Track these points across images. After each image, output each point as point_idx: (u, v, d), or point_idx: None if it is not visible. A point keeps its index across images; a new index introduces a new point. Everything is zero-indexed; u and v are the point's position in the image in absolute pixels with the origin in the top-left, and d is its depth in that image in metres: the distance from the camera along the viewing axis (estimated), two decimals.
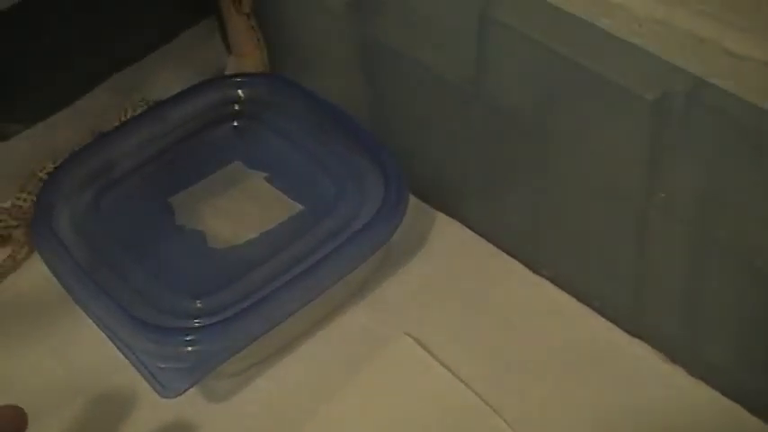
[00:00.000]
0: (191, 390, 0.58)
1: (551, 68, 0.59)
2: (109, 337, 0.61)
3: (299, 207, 0.70)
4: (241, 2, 0.78)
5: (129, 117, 0.76)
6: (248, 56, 0.81)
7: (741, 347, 0.60)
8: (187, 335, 0.59)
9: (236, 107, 0.76)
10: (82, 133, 0.76)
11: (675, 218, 0.57)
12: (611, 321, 0.67)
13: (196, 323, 0.61)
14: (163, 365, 0.58)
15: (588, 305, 0.68)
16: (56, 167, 0.72)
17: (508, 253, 0.72)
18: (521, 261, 0.71)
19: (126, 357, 0.60)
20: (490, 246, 0.72)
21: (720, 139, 0.51)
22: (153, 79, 0.80)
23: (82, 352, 0.66)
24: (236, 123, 0.76)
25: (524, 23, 0.59)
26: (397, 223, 0.65)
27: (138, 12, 0.78)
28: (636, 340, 0.65)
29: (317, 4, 0.74)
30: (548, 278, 0.70)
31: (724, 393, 0.61)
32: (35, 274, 0.69)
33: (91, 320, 0.62)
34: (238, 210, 0.70)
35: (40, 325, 0.67)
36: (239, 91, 0.76)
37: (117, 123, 0.75)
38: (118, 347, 0.61)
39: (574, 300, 0.68)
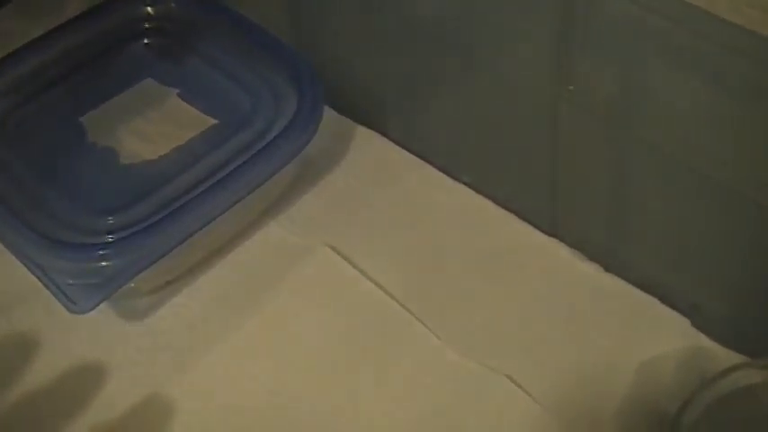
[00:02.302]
0: (107, 309, 0.58)
1: None
2: (17, 255, 0.60)
3: (213, 121, 0.69)
4: None
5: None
6: None
7: (654, 246, 0.60)
8: (97, 250, 0.58)
9: (147, 24, 0.74)
10: None
11: (585, 112, 0.57)
12: (529, 224, 0.67)
13: (109, 238, 0.60)
14: (72, 282, 0.57)
15: (507, 209, 0.68)
16: None
17: (428, 162, 0.71)
18: (440, 169, 0.71)
19: (35, 276, 0.59)
20: (410, 156, 0.72)
21: (628, 31, 0.51)
22: None
23: None
24: (146, 41, 0.74)
25: None
26: (311, 132, 0.64)
27: None
28: (553, 240, 0.65)
29: None
30: (467, 184, 0.69)
31: (638, 286, 0.62)
32: None
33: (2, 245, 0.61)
34: (151, 127, 0.69)
35: None
36: (149, 8, 0.74)
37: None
38: (27, 266, 0.60)
39: (492, 204, 0.68)
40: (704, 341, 0.58)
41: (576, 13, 0.52)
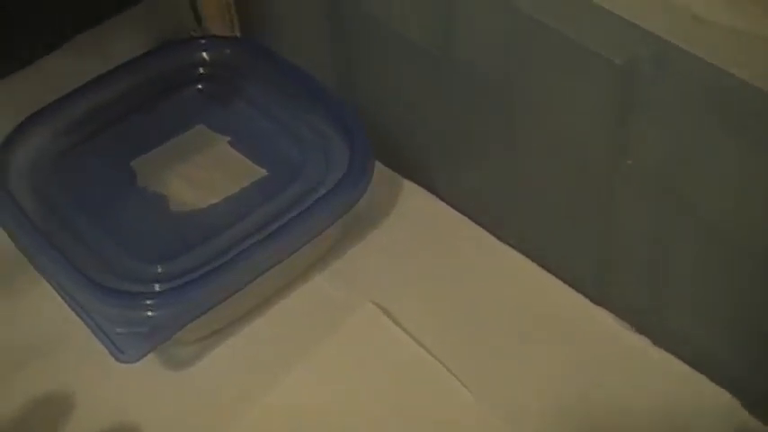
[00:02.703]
0: (150, 356, 0.58)
1: (518, 32, 0.58)
2: (66, 300, 0.60)
3: (263, 172, 0.69)
4: None
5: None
6: (214, 18, 0.79)
7: (708, 317, 0.60)
8: (146, 299, 0.58)
9: (202, 70, 0.75)
10: (44, 93, 0.74)
11: (642, 185, 0.57)
12: (575, 289, 0.66)
13: (156, 288, 0.60)
14: (121, 330, 0.57)
15: (553, 273, 0.67)
16: (17, 125, 0.70)
17: (474, 220, 0.71)
18: (487, 229, 0.70)
19: (84, 321, 0.59)
20: (456, 213, 0.72)
21: (688, 103, 0.51)
22: (118, 41, 0.78)
23: (38, 314, 0.65)
24: (200, 86, 0.75)
25: None
26: (362, 189, 0.64)
27: None
28: (599, 308, 0.65)
29: None
30: (513, 246, 0.69)
31: (689, 363, 0.61)
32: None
33: (48, 283, 0.61)
34: (201, 174, 0.69)
35: None
36: (205, 53, 0.75)
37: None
38: (75, 311, 0.60)
39: (537, 267, 0.68)
40: (753, 424, 0.58)
41: (639, 83, 0.52)
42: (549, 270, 0.67)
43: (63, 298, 0.61)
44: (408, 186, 0.74)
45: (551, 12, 0.55)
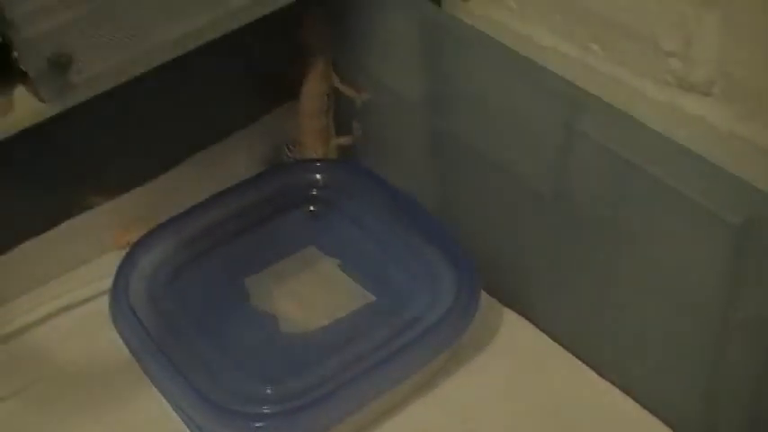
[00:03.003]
0: None
1: (631, 181, 0.59)
2: (177, 413, 0.62)
3: (372, 297, 0.71)
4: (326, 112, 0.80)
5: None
6: (312, 145, 0.82)
7: None
8: (256, 421, 0.60)
9: (314, 191, 0.78)
10: (162, 209, 0.78)
11: (752, 335, 0.57)
12: None
13: (265, 410, 0.62)
14: None
15: (656, 415, 0.67)
16: (134, 243, 0.73)
17: (576, 355, 0.72)
18: (587, 363, 0.71)
19: None
20: (558, 347, 0.72)
21: None
22: (233, 160, 0.82)
23: (152, 426, 0.67)
24: (312, 208, 0.78)
25: (607, 135, 0.60)
26: (468, 323, 0.66)
27: (220, 95, 0.81)
28: None
29: (395, 95, 0.76)
30: (615, 383, 0.69)
31: None
32: (109, 342, 0.69)
33: (161, 394, 0.63)
34: (311, 295, 0.72)
35: (111, 396, 0.69)
36: (318, 176, 0.78)
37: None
38: (186, 424, 0.62)
39: (639, 406, 0.68)
40: None
41: (755, 242, 0.53)
42: (650, 410, 0.67)
43: (175, 410, 0.63)
44: (508, 315, 0.75)
45: (671, 169, 0.56)
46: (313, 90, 0.79)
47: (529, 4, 0.72)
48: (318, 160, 0.80)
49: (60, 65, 0.57)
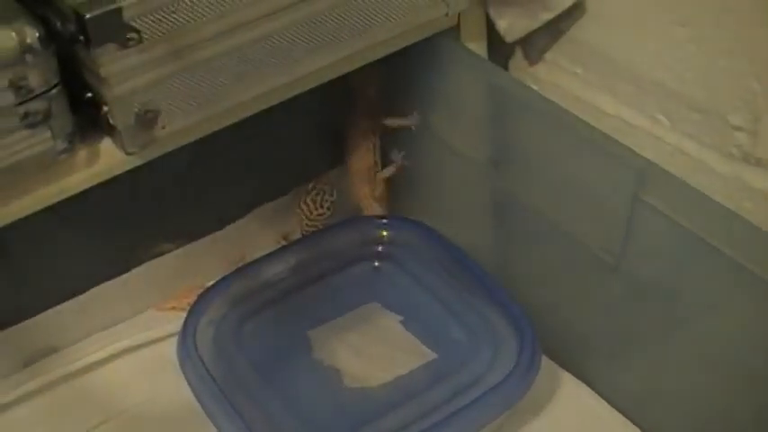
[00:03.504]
0: None
1: (694, 253, 0.60)
2: None
3: (433, 355, 0.72)
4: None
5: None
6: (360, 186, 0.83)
7: None
8: None
9: (379, 248, 0.79)
10: (230, 257, 0.80)
11: None
12: None
13: None
14: None
15: None
16: (204, 289, 0.75)
17: (633, 422, 0.72)
18: (644, 430, 0.71)
19: None
20: (615, 413, 0.72)
21: None
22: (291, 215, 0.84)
23: None
24: (376, 263, 0.79)
25: (673, 208, 0.61)
26: (530, 385, 0.66)
27: (286, 149, 0.83)
28: None
29: (460, 155, 0.78)
30: None
31: None
32: (177, 390, 0.70)
33: None
34: (373, 350, 0.73)
35: None
36: (383, 232, 0.80)
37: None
38: None
39: None
40: None
41: None
42: None
43: None
44: (566, 378, 0.75)
45: (733, 242, 0.57)
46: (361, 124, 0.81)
47: (594, 70, 0.73)
48: (384, 216, 0.81)
49: (147, 120, 0.59)
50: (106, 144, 0.61)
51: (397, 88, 0.81)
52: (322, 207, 0.80)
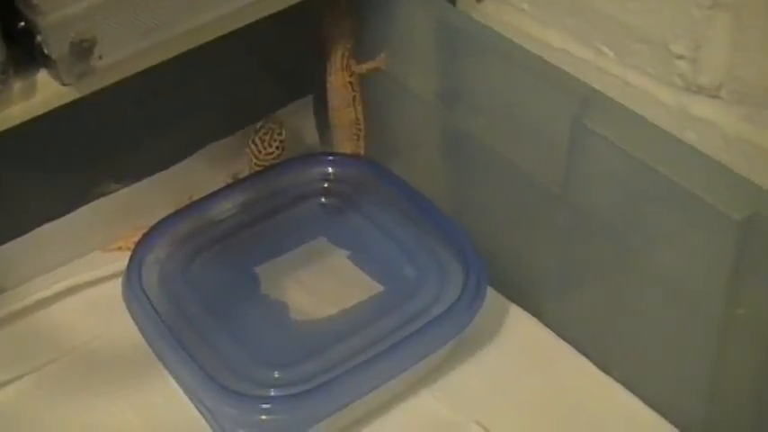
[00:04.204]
0: None
1: (639, 179, 0.61)
2: (189, 396, 0.64)
3: (380, 287, 0.72)
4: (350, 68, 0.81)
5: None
6: (341, 140, 0.83)
7: None
8: (263, 403, 0.61)
9: (326, 185, 0.79)
10: (177, 197, 0.79)
11: (753, 332, 0.58)
12: (679, 429, 0.67)
13: (272, 393, 0.63)
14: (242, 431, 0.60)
15: (658, 411, 0.68)
16: (149, 228, 0.75)
17: (581, 351, 0.72)
18: (593, 361, 0.72)
19: (206, 419, 0.62)
20: (563, 343, 0.73)
21: None
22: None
23: (162, 408, 0.68)
24: (323, 200, 0.79)
25: (616, 133, 0.61)
26: (475, 313, 0.67)
27: (235, 87, 0.82)
28: None
29: (410, 92, 0.77)
30: (618, 380, 0.70)
31: None
32: (124, 328, 0.70)
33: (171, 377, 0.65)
34: (321, 284, 0.73)
35: (124, 378, 0.70)
36: (330, 169, 0.79)
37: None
38: (197, 408, 0.63)
39: (642, 403, 0.69)
40: None
41: (757, 239, 0.54)
42: (654, 408, 0.68)
43: (186, 394, 0.64)
44: (515, 311, 0.76)
45: (672, 163, 0.57)
46: (337, 81, 0.80)
47: (540, 6, 0.73)
48: (331, 153, 0.81)
49: (83, 49, 0.58)
50: (42, 76, 0.60)
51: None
52: (271, 146, 0.79)
